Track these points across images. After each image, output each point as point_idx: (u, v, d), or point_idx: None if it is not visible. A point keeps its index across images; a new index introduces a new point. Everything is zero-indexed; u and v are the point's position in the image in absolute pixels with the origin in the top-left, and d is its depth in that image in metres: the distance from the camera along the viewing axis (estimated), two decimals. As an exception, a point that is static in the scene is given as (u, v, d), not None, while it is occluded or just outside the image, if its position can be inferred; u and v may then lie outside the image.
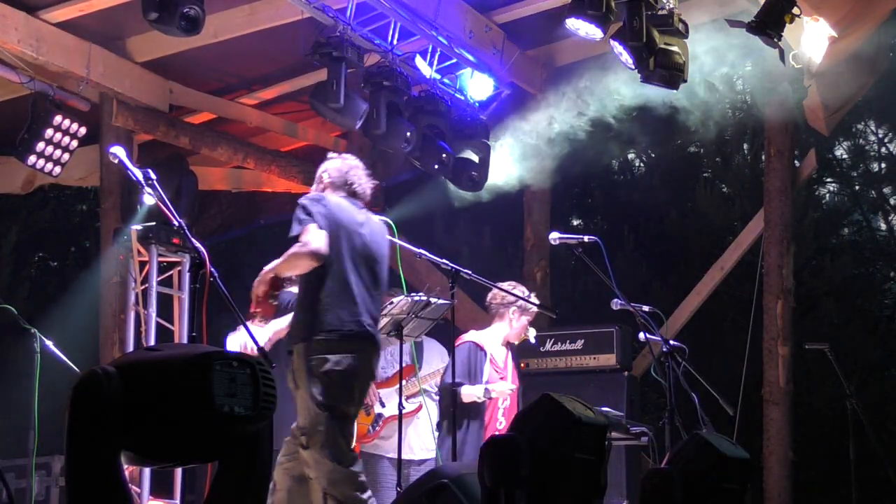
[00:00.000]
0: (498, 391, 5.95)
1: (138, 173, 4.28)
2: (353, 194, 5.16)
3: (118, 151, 4.20)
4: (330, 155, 5.41)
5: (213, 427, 2.20)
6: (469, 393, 5.87)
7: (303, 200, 4.96)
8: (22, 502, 5.96)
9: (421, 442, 6.38)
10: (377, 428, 6.31)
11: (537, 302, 6.19)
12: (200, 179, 8.05)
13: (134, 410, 2.16)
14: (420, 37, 7.12)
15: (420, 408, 6.35)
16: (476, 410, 5.94)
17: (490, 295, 6.24)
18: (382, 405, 6.32)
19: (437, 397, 6.38)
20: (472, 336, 6.17)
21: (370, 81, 6.97)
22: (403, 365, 6.35)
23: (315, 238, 4.78)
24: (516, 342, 6.30)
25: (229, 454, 2.30)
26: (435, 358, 6.53)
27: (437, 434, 6.32)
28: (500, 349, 6.19)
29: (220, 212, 9.44)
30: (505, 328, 6.18)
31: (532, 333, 6.39)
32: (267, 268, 4.82)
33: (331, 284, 4.83)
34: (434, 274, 7.33)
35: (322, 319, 4.78)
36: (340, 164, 5.26)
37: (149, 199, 7.01)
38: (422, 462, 6.29)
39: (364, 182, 5.22)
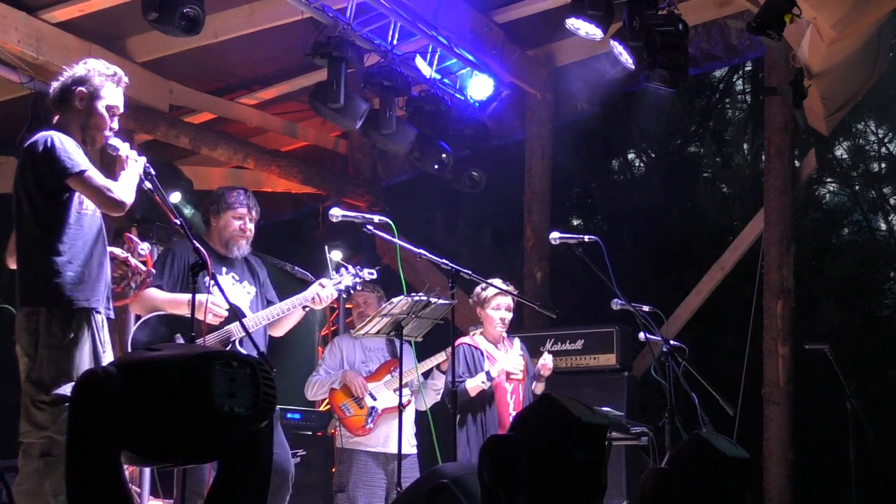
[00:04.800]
0: (497, 370, 6.00)
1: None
2: None
3: (116, 142, 4.18)
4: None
5: (213, 427, 2.20)
6: (473, 385, 5.93)
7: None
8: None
9: (404, 435, 6.37)
10: (374, 420, 6.31)
11: (505, 289, 6.14)
12: (201, 179, 8.06)
13: (134, 410, 2.16)
14: (420, 37, 7.12)
15: (410, 401, 6.36)
16: (480, 407, 5.98)
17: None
18: (374, 398, 6.34)
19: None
20: (465, 339, 6.22)
21: (370, 81, 6.99)
22: (385, 360, 6.41)
23: None
24: (502, 332, 6.25)
25: (229, 454, 2.30)
26: (409, 356, 6.56)
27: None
28: (496, 349, 6.20)
29: (220, 212, 9.43)
30: (486, 326, 6.22)
31: (549, 360, 6.29)
32: None
33: None
34: (434, 274, 7.34)
35: None
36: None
37: (175, 198, 7.06)
38: (404, 457, 6.28)
39: None
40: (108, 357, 4.13)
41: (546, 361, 6.18)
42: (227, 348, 4.98)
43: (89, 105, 4.17)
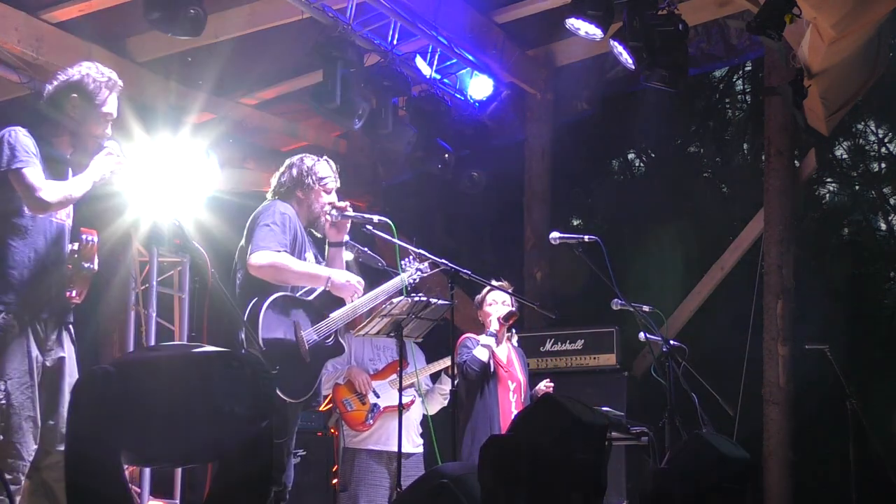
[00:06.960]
0: (494, 317, 6.10)
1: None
2: None
3: (111, 145, 4.16)
4: None
5: (213, 427, 2.20)
6: (481, 348, 6.03)
7: None
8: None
9: (408, 435, 6.37)
10: (374, 417, 6.31)
11: (497, 285, 6.16)
12: (200, 179, 8.05)
13: (134, 410, 2.17)
14: (420, 37, 7.13)
15: (413, 402, 6.37)
16: (484, 405, 6.02)
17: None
18: (377, 396, 6.34)
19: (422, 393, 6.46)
20: (468, 334, 6.29)
21: (370, 81, 6.99)
22: (391, 360, 6.41)
23: None
24: (499, 330, 6.27)
25: (229, 454, 2.30)
26: (419, 356, 6.56)
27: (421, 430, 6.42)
28: (500, 348, 6.23)
29: (220, 212, 9.44)
30: (487, 324, 6.27)
31: (514, 339, 6.43)
32: None
33: None
34: (433, 274, 7.33)
35: None
36: None
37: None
38: (409, 456, 6.27)
39: None
40: (59, 355, 3.92)
41: (542, 386, 6.29)
42: (330, 340, 4.79)
43: (82, 112, 4.13)
